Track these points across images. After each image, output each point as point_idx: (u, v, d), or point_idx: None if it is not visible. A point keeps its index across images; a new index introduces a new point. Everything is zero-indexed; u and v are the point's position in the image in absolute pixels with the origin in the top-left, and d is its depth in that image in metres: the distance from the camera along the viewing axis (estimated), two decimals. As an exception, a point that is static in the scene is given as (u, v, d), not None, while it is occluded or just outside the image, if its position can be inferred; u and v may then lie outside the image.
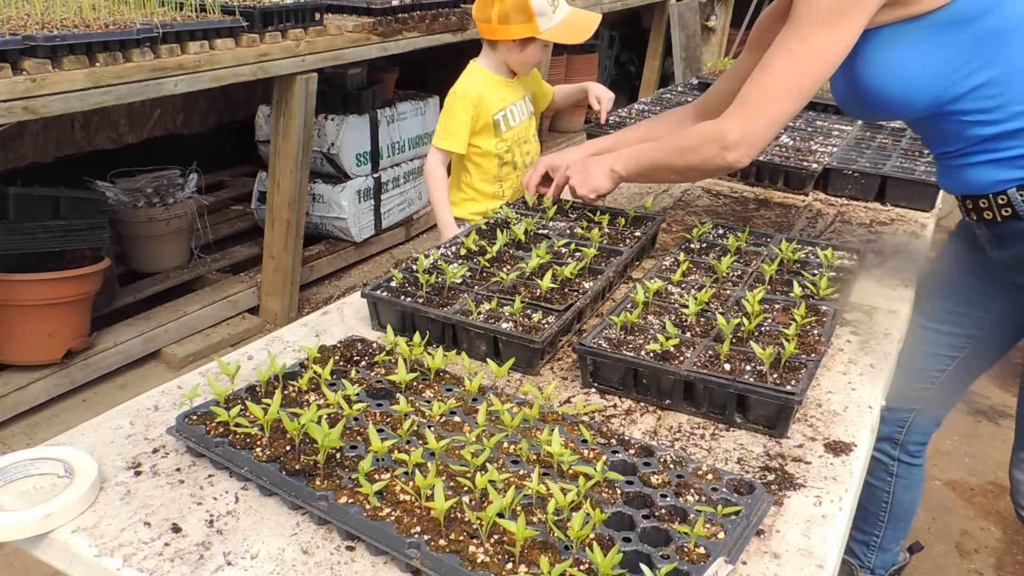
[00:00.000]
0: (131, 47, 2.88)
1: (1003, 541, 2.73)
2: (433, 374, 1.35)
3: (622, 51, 7.86)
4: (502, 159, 2.49)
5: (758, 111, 1.50)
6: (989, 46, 1.38)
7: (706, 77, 3.57)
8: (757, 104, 1.50)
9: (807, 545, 1.06)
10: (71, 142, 4.12)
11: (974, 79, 1.41)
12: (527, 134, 2.59)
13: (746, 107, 1.52)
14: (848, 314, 1.67)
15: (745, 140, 1.53)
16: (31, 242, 3.09)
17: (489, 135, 2.45)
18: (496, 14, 2.33)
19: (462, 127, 2.39)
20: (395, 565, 1.00)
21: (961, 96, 1.43)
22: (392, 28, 4.01)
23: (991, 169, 1.49)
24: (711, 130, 1.58)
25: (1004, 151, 1.46)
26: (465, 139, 2.42)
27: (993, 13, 1.37)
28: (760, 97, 1.50)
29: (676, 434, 1.29)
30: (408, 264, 1.69)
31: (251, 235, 4.53)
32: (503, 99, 2.46)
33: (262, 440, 1.16)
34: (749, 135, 1.52)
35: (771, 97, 1.49)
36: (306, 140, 3.72)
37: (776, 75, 1.47)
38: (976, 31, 1.38)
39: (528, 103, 2.61)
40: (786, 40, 1.46)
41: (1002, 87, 1.41)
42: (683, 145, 1.65)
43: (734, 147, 1.54)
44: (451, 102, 2.41)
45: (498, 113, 2.44)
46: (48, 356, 3.21)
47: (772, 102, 1.49)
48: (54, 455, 1.16)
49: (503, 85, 2.48)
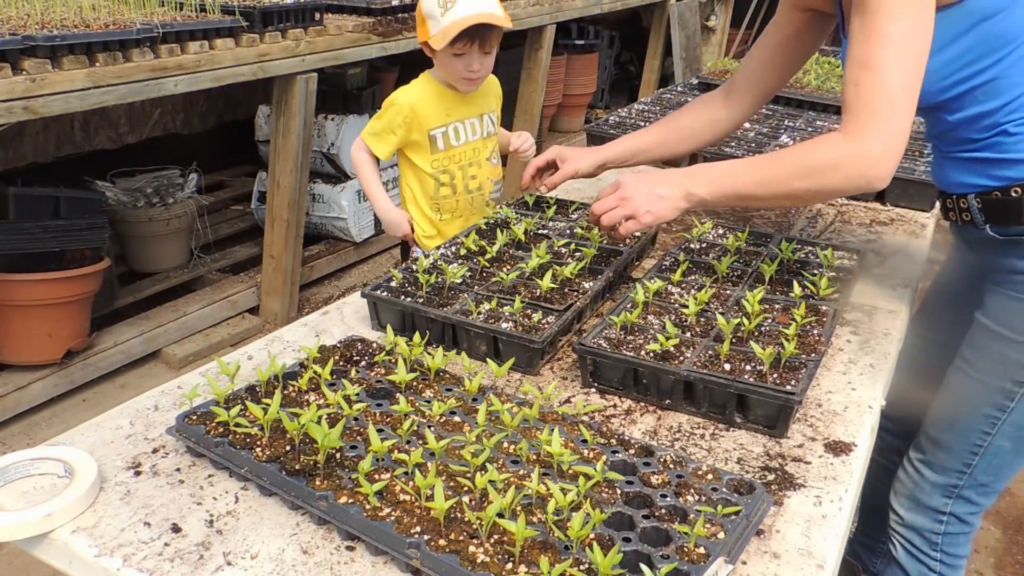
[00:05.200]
0: (131, 47, 2.88)
1: (1003, 541, 2.73)
2: (433, 374, 1.35)
3: (622, 51, 7.86)
4: (438, 180, 2.18)
5: (894, 111, 1.32)
6: (992, 47, 1.36)
7: (706, 77, 3.57)
8: (890, 104, 1.32)
9: (807, 545, 1.06)
10: (71, 142, 4.12)
11: (972, 81, 1.39)
12: (477, 157, 2.23)
13: (876, 112, 1.33)
14: (848, 314, 1.67)
15: (890, 150, 1.34)
16: (31, 242, 3.09)
17: (424, 151, 2.17)
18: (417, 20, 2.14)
19: (390, 135, 2.15)
20: (395, 565, 1.00)
21: (956, 96, 1.42)
22: (392, 28, 4.01)
23: (960, 170, 1.48)
24: (846, 146, 1.37)
25: (975, 154, 1.44)
26: (390, 148, 2.16)
27: (1005, 13, 1.34)
28: (888, 96, 1.32)
29: (676, 434, 1.29)
30: (408, 264, 1.69)
31: (251, 235, 4.53)
32: (447, 114, 2.17)
33: (262, 440, 1.15)
34: (894, 142, 1.34)
35: (900, 91, 1.32)
36: (306, 140, 3.72)
37: (892, 67, 1.31)
38: (985, 31, 1.35)
39: (492, 123, 2.28)
40: (875, 28, 1.31)
41: (991, 96, 1.39)
42: (812, 163, 1.41)
43: (882, 161, 1.34)
44: (387, 104, 2.17)
45: (437, 129, 2.16)
46: (48, 356, 3.21)
47: (903, 96, 1.32)
48: (54, 455, 1.16)
49: (450, 99, 2.18)
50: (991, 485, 1.61)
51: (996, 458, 1.56)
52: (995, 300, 1.50)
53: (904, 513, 1.69)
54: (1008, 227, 1.44)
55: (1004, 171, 1.41)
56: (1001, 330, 1.48)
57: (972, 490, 1.61)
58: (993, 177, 1.43)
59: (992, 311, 1.50)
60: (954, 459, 1.59)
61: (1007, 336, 1.47)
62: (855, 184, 1.39)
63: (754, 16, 8.17)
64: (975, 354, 1.54)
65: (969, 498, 1.62)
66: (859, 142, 1.35)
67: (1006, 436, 1.53)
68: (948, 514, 1.64)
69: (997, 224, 1.46)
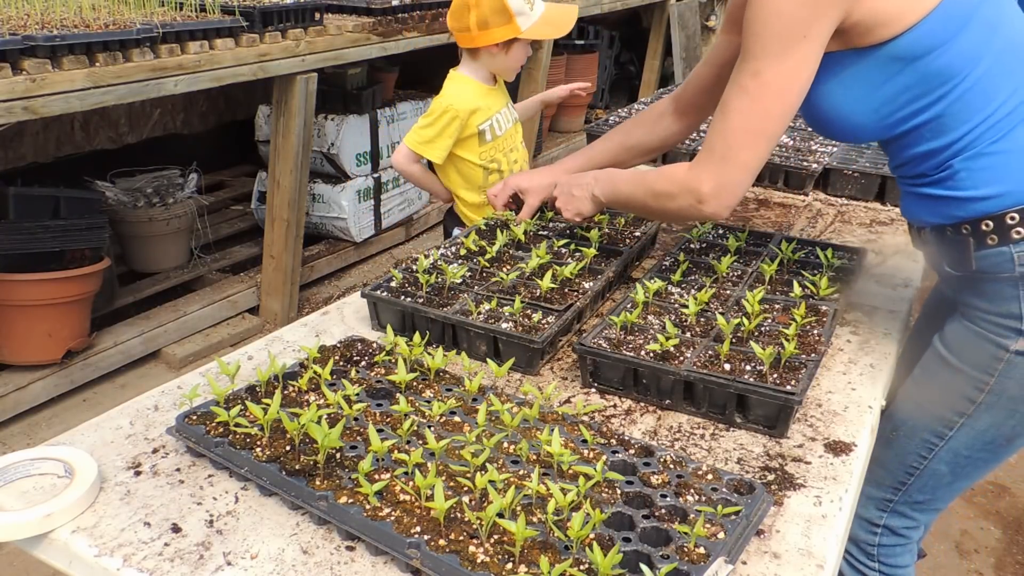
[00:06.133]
0: (131, 47, 2.88)
1: (1003, 541, 2.73)
2: (433, 374, 1.35)
3: (622, 51, 7.87)
4: (487, 169, 2.44)
5: (727, 160, 1.38)
6: (932, 86, 1.30)
7: (706, 77, 3.56)
8: (724, 153, 1.38)
9: (807, 545, 1.06)
10: (71, 142, 4.12)
11: (916, 119, 1.34)
12: (514, 141, 2.53)
13: (712, 156, 1.40)
14: (848, 314, 1.67)
15: (720, 192, 1.41)
16: (31, 242, 3.09)
17: (473, 146, 2.40)
18: (474, 21, 2.28)
19: (445, 139, 2.34)
20: (395, 565, 1.00)
21: (902, 133, 1.37)
22: (392, 28, 4.01)
23: (916, 204, 1.44)
24: (683, 179, 1.45)
25: (927, 190, 1.39)
26: (445, 152, 2.37)
27: (938, 52, 1.27)
28: (726, 146, 1.38)
29: (676, 434, 1.29)
30: (408, 264, 1.69)
31: (251, 235, 4.53)
32: (489, 108, 2.42)
33: (262, 440, 1.16)
34: (722, 187, 1.40)
35: (737, 144, 1.37)
36: (306, 140, 3.72)
37: (737, 119, 1.36)
38: (920, 70, 1.29)
39: (511, 109, 2.55)
40: (740, 78, 1.35)
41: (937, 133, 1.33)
42: (658, 189, 1.52)
43: (710, 199, 1.42)
44: (438, 113, 2.33)
45: (484, 123, 2.40)
46: (48, 356, 3.21)
47: (740, 149, 1.37)
48: (54, 455, 1.16)
49: (487, 94, 2.43)
50: (928, 503, 1.57)
51: (932, 479, 1.53)
52: (952, 327, 1.45)
53: None
54: (959, 266, 1.40)
55: (953, 209, 1.36)
56: (950, 358, 1.43)
57: (907, 506, 1.58)
58: (944, 215, 1.38)
59: (947, 337, 1.46)
60: (889, 476, 1.56)
61: (955, 365, 1.42)
62: (690, 214, 1.50)
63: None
64: (924, 377, 1.50)
65: (904, 512, 1.59)
66: (691, 179, 1.44)
67: (943, 461, 1.49)
68: (882, 526, 1.61)
69: (951, 261, 1.42)
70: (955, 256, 1.40)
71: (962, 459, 1.48)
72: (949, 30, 1.26)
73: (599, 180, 1.71)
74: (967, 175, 1.33)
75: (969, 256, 1.36)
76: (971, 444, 1.46)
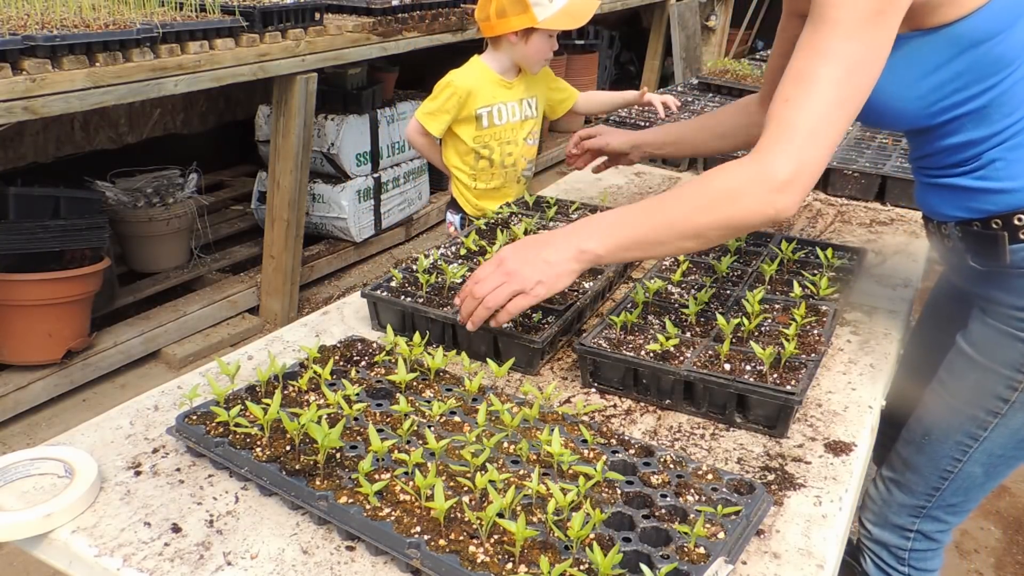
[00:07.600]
0: (131, 47, 2.88)
1: (1003, 541, 2.73)
2: (433, 374, 1.35)
3: (622, 51, 7.87)
4: (478, 153, 2.47)
5: (815, 136, 1.16)
6: (985, 74, 1.26)
7: (706, 77, 3.58)
8: (813, 129, 1.16)
9: (807, 545, 1.06)
10: (71, 142, 4.12)
11: (961, 108, 1.30)
12: (514, 136, 2.52)
13: (794, 132, 1.16)
14: (848, 314, 1.67)
15: (800, 175, 1.17)
16: (31, 242, 3.09)
17: (469, 128, 2.45)
18: (494, 10, 2.34)
19: (444, 114, 2.41)
20: (395, 565, 1.00)
21: (943, 122, 1.33)
22: (392, 28, 4.01)
23: (941, 198, 1.41)
24: (747, 169, 1.20)
25: (956, 180, 1.36)
26: (443, 126, 2.43)
27: (998, 39, 1.22)
28: (815, 119, 1.16)
29: (676, 434, 1.29)
30: (408, 264, 1.69)
31: (251, 235, 4.53)
32: (493, 96, 2.45)
33: (262, 440, 1.16)
34: (803, 169, 1.17)
35: (828, 120, 1.16)
36: (306, 140, 3.72)
37: (829, 90, 1.16)
38: (977, 56, 1.25)
39: (531, 107, 2.55)
40: (825, 43, 1.16)
41: (980, 123, 1.30)
42: (710, 195, 1.23)
43: (787, 189, 1.17)
44: (441, 87, 2.42)
45: (482, 108, 2.43)
46: (48, 356, 3.21)
47: (826, 125, 1.16)
48: (54, 455, 1.16)
49: (499, 84, 2.46)
50: (960, 506, 1.57)
51: (966, 482, 1.51)
52: (977, 326, 1.43)
53: (872, 528, 1.66)
54: (988, 260, 1.37)
55: (984, 203, 1.34)
56: (979, 358, 1.41)
57: (941, 510, 1.57)
58: (972, 209, 1.35)
59: (973, 337, 1.44)
60: (923, 482, 1.55)
61: (984, 364, 1.40)
62: (760, 215, 1.20)
63: (754, 16, 8.17)
64: (951, 379, 1.48)
65: (937, 517, 1.58)
66: (764, 162, 1.18)
67: (977, 463, 1.48)
68: (915, 532, 1.60)
69: (978, 256, 1.39)
70: (984, 251, 1.37)
71: (996, 459, 1.47)
72: (1010, 17, 1.23)
73: (583, 230, 1.31)
74: (1003, 165, 1.30)
75: (1003, 251, 1.33)
76: (1006, 443, 1.45)
